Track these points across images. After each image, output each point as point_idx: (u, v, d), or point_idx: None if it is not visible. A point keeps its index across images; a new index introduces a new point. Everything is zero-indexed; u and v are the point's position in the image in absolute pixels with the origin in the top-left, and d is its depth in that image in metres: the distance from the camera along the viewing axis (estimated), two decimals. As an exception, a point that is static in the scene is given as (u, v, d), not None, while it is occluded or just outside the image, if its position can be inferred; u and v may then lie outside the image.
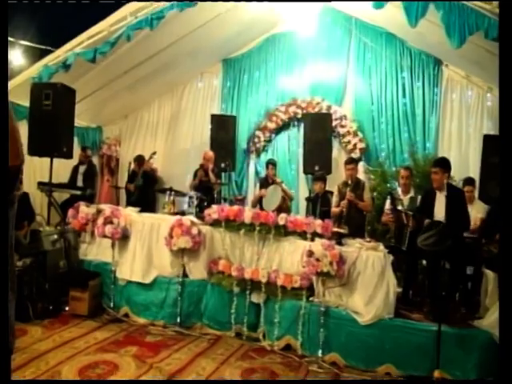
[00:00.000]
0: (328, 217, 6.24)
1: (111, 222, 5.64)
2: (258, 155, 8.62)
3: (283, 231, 5.18)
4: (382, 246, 5.02)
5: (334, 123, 8.01)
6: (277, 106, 8.54)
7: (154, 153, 7.64)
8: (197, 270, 5.45)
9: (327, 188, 7.00)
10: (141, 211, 6.22)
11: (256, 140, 8.59)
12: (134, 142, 9.53)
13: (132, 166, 8.16)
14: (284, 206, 6.73)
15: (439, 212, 5.16)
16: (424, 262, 5.59)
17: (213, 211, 5.45)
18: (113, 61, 7.26)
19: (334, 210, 6.50)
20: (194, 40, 7.57)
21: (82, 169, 8.31)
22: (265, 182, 7.18)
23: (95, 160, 9.40)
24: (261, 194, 7.06)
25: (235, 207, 5.42)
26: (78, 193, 7.55)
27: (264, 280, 5.05)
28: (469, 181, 6.36)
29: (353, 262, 4.79)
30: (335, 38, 8.34)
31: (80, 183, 8.14)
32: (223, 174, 7.97)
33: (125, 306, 5.59)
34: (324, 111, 8.15)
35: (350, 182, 6.37)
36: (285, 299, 4.99)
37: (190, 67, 8.82)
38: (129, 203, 7.49)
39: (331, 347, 4.74)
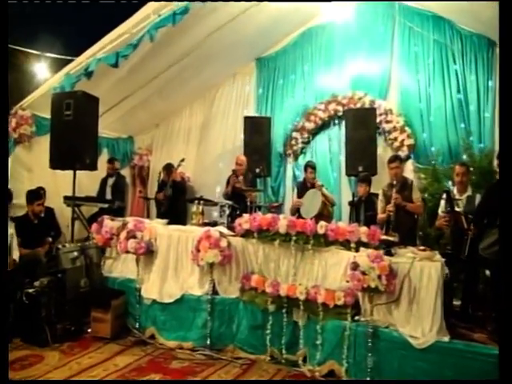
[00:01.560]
0: (374, 222, 5.57)
1: (134, 236, 5.17)
2: (296, 158, 7.98)
3: (323, 241, 4.56)
4: (438, 255, 4.32)
5: (378, 119, 7.30)
6: (315, 104, 7.91)
7: (183, 160, 7.18)
8: (228, 287, 4.92)
9: (372, 190, 6.30)
10: (170, 223, 5.75)
11: (293, 142, 7.97)
12: (166, 151, 9.14)
13: (161, 175, 7.72)
14: (325, 213, 6.07)
15: None
16: (487, 271, 4.84)
17: (244, 221, 4.89)
18: (138, 65, 6.87)
19: (381, 216, 5.80)
20: (223, 37, 7.09)
21: (110, 181, 7.94)
22: (303, 187, 6.55)
23: (127, 171, 9.06)
24: (297, 203, 6.44)
25: (268, 215, 4.85)
26: (106, 206, 7.16)
27: (302, 297, 4.44)
28: None
29: (405, 275, 4.12)
30: (377, 25, 7.65)
31: (109, 196, 7.76)
32: (258, 180, 7.42)
33: (151, 326, 5.12)
34: (367, 106, 7.46)
35: (394, 182, 5.66)
36: (327, 318, 4.36)
37: (221, 68, 8.35)
38: (159, 215, 7.04)
39: (381, 374, 4.09)
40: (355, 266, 4.04)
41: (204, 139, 8.89)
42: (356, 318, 4.27)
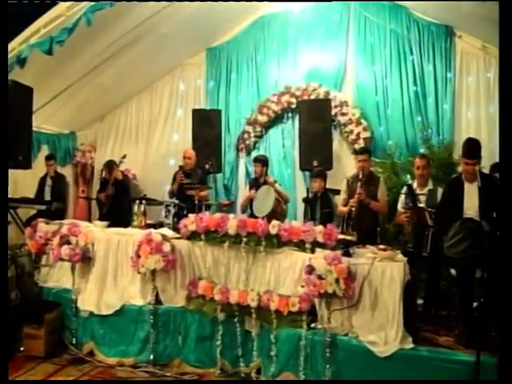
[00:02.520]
0: (331, 220, 5.24)
1: (69, 242, 4.62)
2: (249, 153, 7.54)
3: (276, 242, 4.16)
4: (400, 255, 4.01)
5: (333, 111, 6.99)
6: (268, 96, 7.52)
7: (124, 156, 6.64)
8: (173, 295, 4.47)
9: (328, 186, 5.95)
10: (113, 225, 5.22)
11: (245, 136, 7.54)
12: (112, 148, 8.51)
13: (103, 173, 7.12)
14: (278, 210, 5.69)
15: (470, 207, 4.15)
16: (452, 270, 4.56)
17: (189, 221, 4.45)
18: (75, 52, 6.28)
19: (342, 209, 5.47)
20: (168, 22, 6.61)
21: (49, 181, 7.31)
22: (255, 183, 6.14)
23: (69, 169, 8.42)
24: (250, 195, 6.04)
25: (217, 215, 4.41)
26: (44, 208, 6.56)
27: (254, 304, 4.04)
28: (498, 166, 5.26)
29: (364, 277, 3.77)
30: (332, 15, 7.34)
31: (48, 197, 7.14)
32: (209, 177, 6.98)
33: (89, 341, 4.58)
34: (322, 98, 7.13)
35: (361, 176, 5.32)
36: (281, 327, 3.97)
37: (168, 58, 7.84)
38: (101, 216, 6.48)
39: (341, 385, 3.72)
40: (311, 270, 3.66)
41: (152, 134, 8.35)
42: (312, 325, 3.91)
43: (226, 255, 4.34)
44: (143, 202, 5.09)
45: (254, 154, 7.49)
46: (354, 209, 5.14)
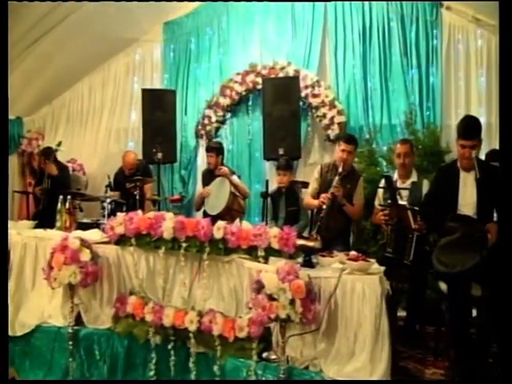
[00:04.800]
0: (297, 221, 4.45)
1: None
2: (210, 140, 6.62)
3: (223, 248, 3.33)
4: (375, 264, 3.20)
5: (304, 92, 6.14)
6: (231, 76, 6.65)
7: (59, 144, 5.78)
8: (97, 315, 3.63)
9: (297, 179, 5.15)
10: (45, 226, 4.35)
11: (206, 121, 6.65)
12: (62, 135, 7.58)
13: (38, 163, 6.22)
14: (235, 207, 4.87)
15: (466, 203, 3.38)
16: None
17: (117, 223, 3.59)
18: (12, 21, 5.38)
19: (310, 201, 4.65)
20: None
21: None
22: (209, 176, 5.31)
23: (14, 160, 7.52)
24: (202, 193, 5.21)
25: (151, 214, 3.57)
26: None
27: (193, 327, 3.21)
28: (495, 155, 4.45)
29: (330, 295, 2.97)
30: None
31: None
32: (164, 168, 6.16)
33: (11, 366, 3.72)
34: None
35: (340, 169, 4.45)
36: (226, 356, 3.16)
37: (122, 34, 6.97)
38: (35, 215, 5.61)
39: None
40: (259, 287, 2.84)
41: (106, 119, 7.48)
42: (264, 355, 3.09)
43: (163, 264, 3.51)
44: (68, 197, 4.20)
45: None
46: (325, 206, 4.30)
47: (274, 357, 3.05)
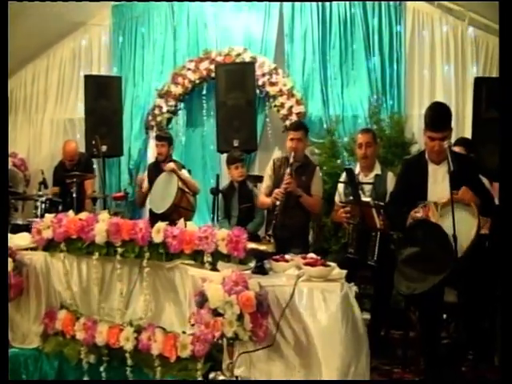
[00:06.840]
0: (251, 219, 4.09)
1: None
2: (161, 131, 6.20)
3: (164, 253, 2.93)
4: (337, 269, 2.84)
5: (261, 80, 5.76)
6: (184, 63, 6.21)
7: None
8: (24, 333, 3.20)
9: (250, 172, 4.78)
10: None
11: (156, 111, 6.15)
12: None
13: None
14: (183, 204, 4.45)
15: (437, 200, 3.05)
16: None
17: (44, 225, 3.15)
18: None
19: (264, 200, 4.28)
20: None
21: None
22: (155, 169, 4.89)
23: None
24: (141, 187, 4.82)
25: (83, 215, 3.14)
26: None
27: (129, 346, 2.81)
28: (462, 142, 4.16)
29: (285, 306, 2.60)
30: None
31: None
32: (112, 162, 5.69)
33: None
34: (247, 63, 5.91)
35: (292, 160, 4.11)
36: (167, 376, 2.77)
37: (67, 17, 6.42)
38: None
39: None
40: (202, 301, 2.45)
41: (49, 110, 6.96)
42: (211, 375, 2.70)
43: (98, 272, 3.08)
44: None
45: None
46: (278, 202, 3.93)
47: (221, 378, 2.66)
